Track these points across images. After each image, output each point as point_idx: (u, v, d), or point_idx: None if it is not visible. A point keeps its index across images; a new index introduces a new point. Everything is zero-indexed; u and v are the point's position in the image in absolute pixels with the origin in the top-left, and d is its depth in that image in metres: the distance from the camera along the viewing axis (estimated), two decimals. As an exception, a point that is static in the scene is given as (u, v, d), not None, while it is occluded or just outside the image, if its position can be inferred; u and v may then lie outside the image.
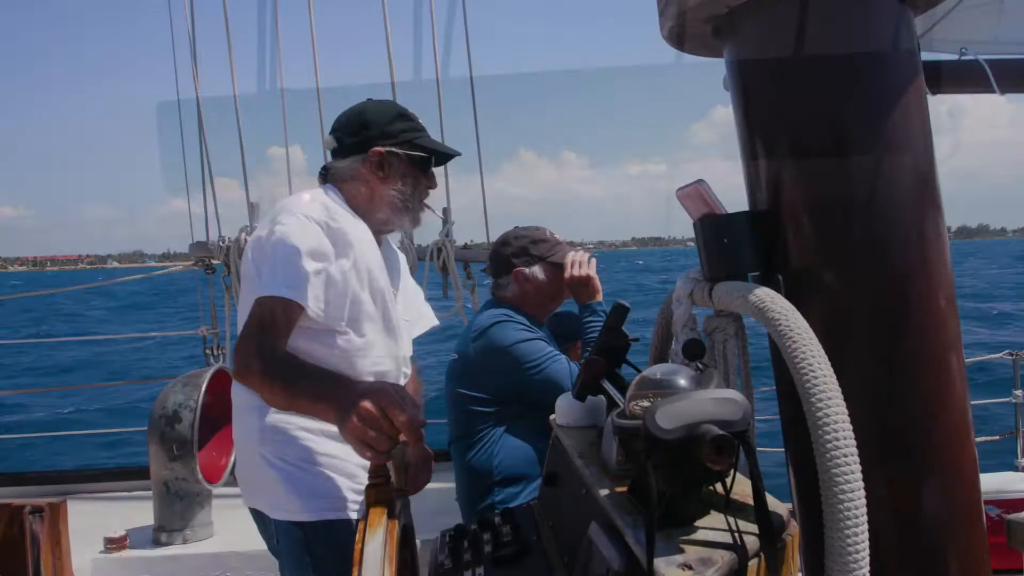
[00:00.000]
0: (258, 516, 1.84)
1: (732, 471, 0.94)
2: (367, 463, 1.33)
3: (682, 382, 0.92)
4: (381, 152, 1.84)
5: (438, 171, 1.99)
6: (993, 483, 3.61)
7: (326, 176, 1.91)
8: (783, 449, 1.19)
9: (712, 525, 0.90)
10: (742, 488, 0.95)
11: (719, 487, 0.92)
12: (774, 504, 0.93)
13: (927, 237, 1.11)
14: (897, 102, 1.10)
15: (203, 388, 3.21)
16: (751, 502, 0.86)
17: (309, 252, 1.63)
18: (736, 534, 0.85)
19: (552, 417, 1.48)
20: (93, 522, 3.31)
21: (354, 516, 1.67)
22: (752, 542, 0.85)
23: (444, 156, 1.96)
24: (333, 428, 1.68)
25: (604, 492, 1.04)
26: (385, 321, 1.84)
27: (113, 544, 3.09)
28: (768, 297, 0.98)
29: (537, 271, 2.36)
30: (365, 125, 1.87)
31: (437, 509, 3.20)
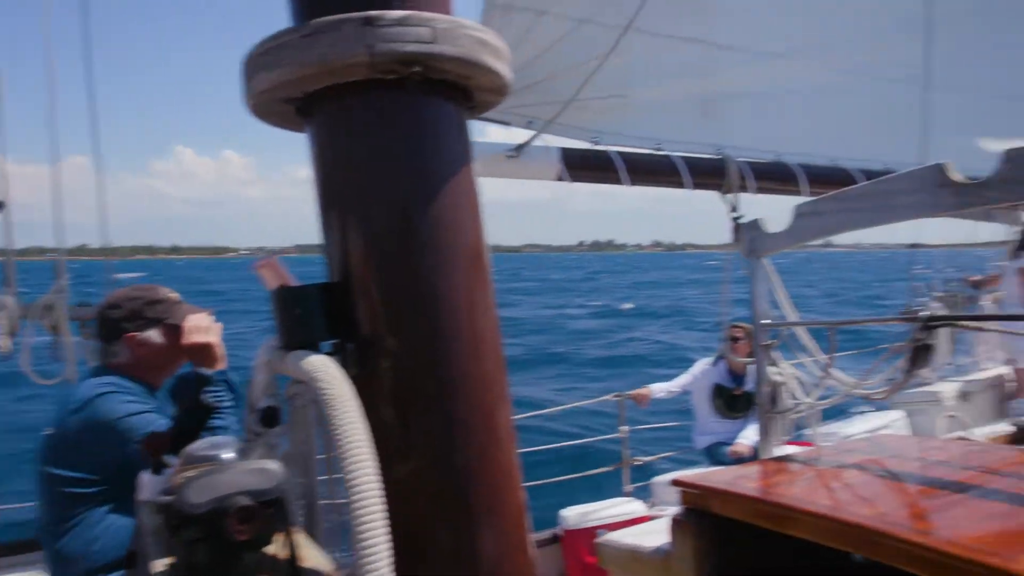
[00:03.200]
0: None
1: (286, 536, 0.97)
2: None
3: (225, 455, 0.94)
4: None
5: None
6: (605, 508, 4.16)
7: None
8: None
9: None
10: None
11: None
12: (319, 563, 0.99)
13: (477, 307, 1.27)
14: (451, 189, 1.26)
15: None
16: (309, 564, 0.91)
17: None
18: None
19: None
20: None
21: None
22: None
23: None
24: None
25: (157, 568, 1.01)
26: None
27: None
28: (321, 365, 1.05)
29: (153, 335, 2.17)
30: None
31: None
